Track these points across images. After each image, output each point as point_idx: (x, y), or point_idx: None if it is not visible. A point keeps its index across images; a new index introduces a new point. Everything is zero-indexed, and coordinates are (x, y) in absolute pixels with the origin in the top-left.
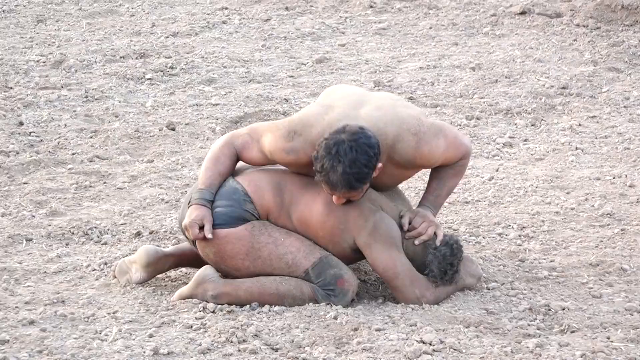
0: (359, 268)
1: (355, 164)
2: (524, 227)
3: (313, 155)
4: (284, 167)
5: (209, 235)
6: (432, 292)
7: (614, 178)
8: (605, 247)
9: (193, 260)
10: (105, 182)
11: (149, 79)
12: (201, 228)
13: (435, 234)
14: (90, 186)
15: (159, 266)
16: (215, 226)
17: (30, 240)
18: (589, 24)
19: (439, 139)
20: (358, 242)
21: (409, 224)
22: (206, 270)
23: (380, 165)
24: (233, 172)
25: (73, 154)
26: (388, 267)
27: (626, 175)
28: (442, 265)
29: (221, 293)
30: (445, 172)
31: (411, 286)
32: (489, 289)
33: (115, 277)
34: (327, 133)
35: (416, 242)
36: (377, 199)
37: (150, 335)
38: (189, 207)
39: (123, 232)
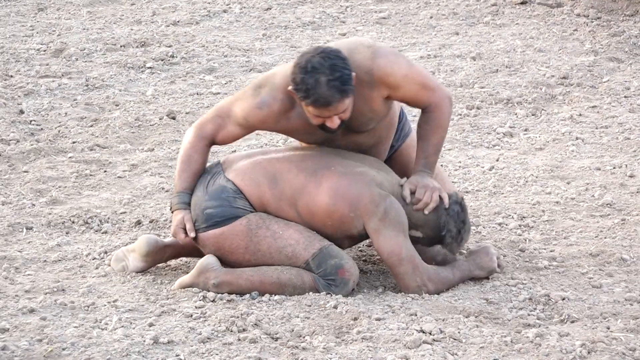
0: (359, 257)
1: (335, 68)
2: (524, 217)
3: (292, 87)
4: (264, 129)
5: (192, 234)
6: (433, 283)
7: (614, 168)
8: (605, 237)
9: (192, 250)
10: (105, 171)
11: (150, 67)
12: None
13: (440, 197)
14: (91, 175)
15: (158, 256)
16: (209, 227)
17: (31, 228)
18: (590, 13)
19: (400, 59)
20: (367, 227)
21: (412, 194)
22: (208, 258)
23: (354, 74)
24: (223, 167)
25: (73, 142)
26: (393, 253)
27: (626, 165)
28: (457, 224)
29: (223, 281)
30: (424, 129)
31: (413, 274)
32: (488, 279)
33: (110, 265)
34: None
35: (426, 211)
36: (376, 176)
37: (150, 324)
38: (171, 212)
39: (123, 221)
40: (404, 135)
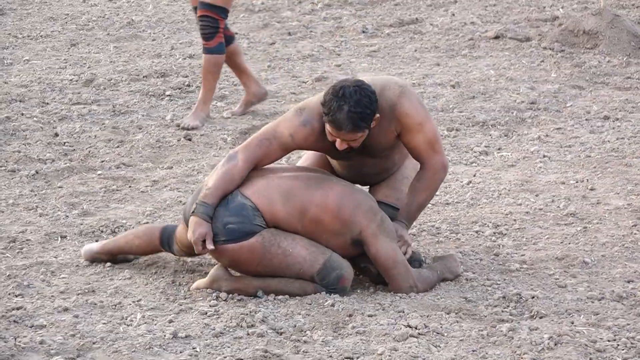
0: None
1: (359, 104)
2: (498, 226)
3: (321, 101)
4: (305, 148)
5: (211, 247)
6: (421, 283)
7: (576, 182)
8: (569, 243)
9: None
10: (130, 186)
11: (169, 95)
12: (203, 241)
13: (405, 252)
14: (117, 190)
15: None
16: (228, 241)
17: (65, 237)
18: (555, 47)
19: (422, 109)
20: (365, 232)
21: None
22: (219, 270)
23: (377, 115)
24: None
25: (102, 161)
26: (389, 257)
27: (587, 180)
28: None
29: (233, 289)
30: (415, 186)
31: (406, 276)
32: (467, 280)
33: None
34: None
35: None
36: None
37: (170, 321)
38: (192, 214)
39: None
40: None
